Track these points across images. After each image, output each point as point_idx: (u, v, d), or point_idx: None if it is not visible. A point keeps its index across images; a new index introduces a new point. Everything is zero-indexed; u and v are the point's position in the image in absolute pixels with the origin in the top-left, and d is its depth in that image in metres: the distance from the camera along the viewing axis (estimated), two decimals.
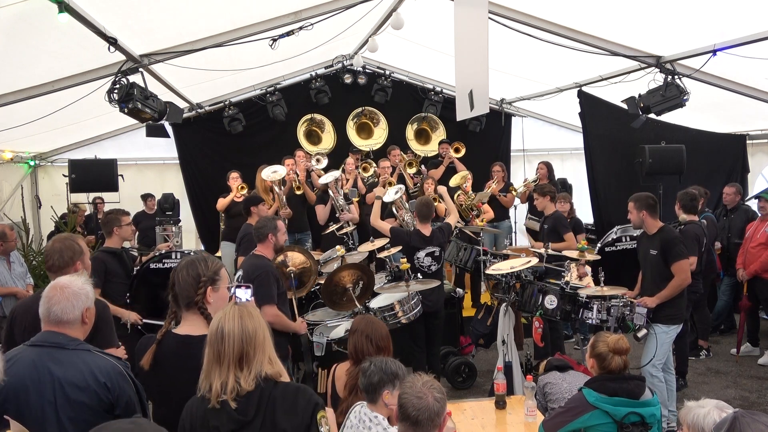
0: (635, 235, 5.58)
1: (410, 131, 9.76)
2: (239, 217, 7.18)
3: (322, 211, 7.34)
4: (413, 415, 2.22)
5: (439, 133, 9.72)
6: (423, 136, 9.88)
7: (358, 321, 3.31)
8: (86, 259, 3.24)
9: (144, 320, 4.71)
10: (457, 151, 8.52)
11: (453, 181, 7.81)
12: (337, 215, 7.16)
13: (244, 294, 2.46)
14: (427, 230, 5.22)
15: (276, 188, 7.24)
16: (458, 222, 7.07)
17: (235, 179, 7.67)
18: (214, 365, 2.03)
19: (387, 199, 6.27)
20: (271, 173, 7.18)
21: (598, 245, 6.18)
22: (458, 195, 7.57)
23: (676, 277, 4.52)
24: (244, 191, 7.71)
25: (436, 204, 6.39)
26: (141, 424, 1.68)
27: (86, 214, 8.72)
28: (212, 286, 2.36)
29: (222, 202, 7.66)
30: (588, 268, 5.42)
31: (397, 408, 2.32)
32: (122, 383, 2.30)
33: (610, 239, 5.98)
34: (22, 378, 2.22)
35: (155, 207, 8.77)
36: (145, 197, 8.79)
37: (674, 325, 4.58)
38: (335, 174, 7.30)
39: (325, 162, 8.45)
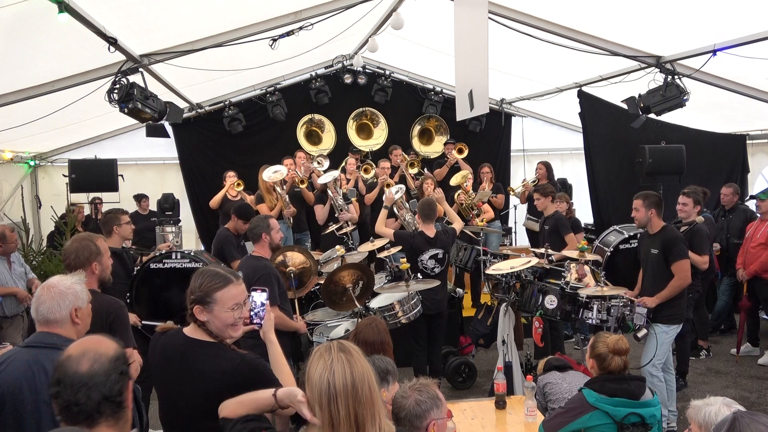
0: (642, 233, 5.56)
1: (415, 130, 9.77)
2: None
3: (321, 211, 7.34)
4: (394, 411, 2.27)
5: (443, 136, 9.72)
6: (426, 136, 9.89)
7: (362, 324, 3.29)
8: (104, 259, 3.26)
9: (143, 321, 4.71)
10: (460, 152, 8.53)
11: (454, 180, 7.82)
12: (336, 215, 7.16)
13: (260, 297, 2.45)
14: (431, 231, 5.16)
15: (278, 188, 7.26)
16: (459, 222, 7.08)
17: (231, 177, 7.71)
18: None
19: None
20: (272, 174, 7.19)
21: (604, 242, 6.11)
22: (458, 194, 7.57)
23: (675, 276, 4.51)
24: (240, 188, 7.72)
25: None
26: None
27: (86, 214, 8.71)
28: (202, 306, 2.23)
29: (215, 199, 7.68)
30: (587, 268, 5.42)
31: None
32: None
33: (625, 236, 5.88)
34: (17, 379, 2.23)
35: (148, 208, 8.75)
36: (139, 198, 8.70)
37: (674, 325, 4.58)
38: (334, 174, 7.30)
39: (326, 164, 8.46)
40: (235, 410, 1.98)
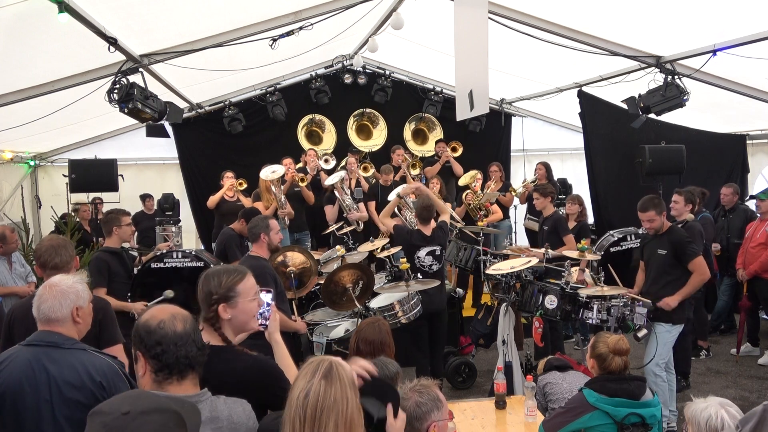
0: (640, 232, 5.57)
1: (408, 131, 9.77)
2: (229, 216, 7.22)
3: (330, 212, 7.33)
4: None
5: (437, 134, 9.73)
6: (420, 136, 9.89)
7: (365, 323, 3.29)
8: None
9: (147, 304, 4.69)
10: (454, 150, 8.53)
11: (462, 181, 7.83)
12: (345, 215, 7.16)
13: (265, 297, 2.44)
14: (428, 230, 5.20)
15: (274, 188, 7.25)
16: (459, 222, 7.09)
17: (229, 178, 7.72)
18: None
19: (390, 197, 6.28)
20: (270, 173, 7.19)
21: (599, 246, 6.15)
22: (466, 194, 7.57)
23: (695, 273, 4.57)
24: (243, 187, 7.72)
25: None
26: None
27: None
28: (227, 303, 2.23)
29: (212, 199, 7.69)
30: (587, 273, 5.42)
31: None
32: (118, 382, 2.30)
33: (615, 238, 5.90)
34: (18, 377, 2.23)
35: (153, 207, 8.77)
36: (144, 197, 8.77)
37: (677, 324, 4.59)
38: (341, 174, 7.30)
39: (333, 162, 8.47)
40: None
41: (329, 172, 8.08)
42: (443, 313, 5.31)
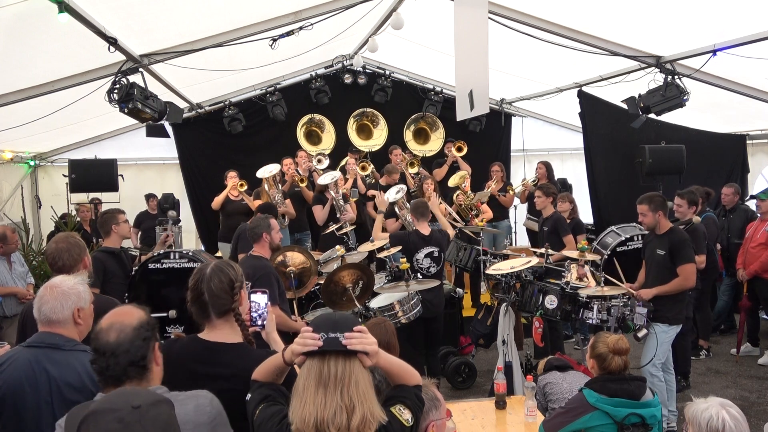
0: (640, 233, 5.57)
1: (408, 134, 9.76)
2: (235, 216, 7.21)
3: (320, 212, 7.34)
4: None
5: (439, 132, 9.73)
6: (422, 136, 9.88)
7: (370, 323, 3.29)
8: (87, 255, 3.32)
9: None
10: (459, 149, 8.53)
11: (452, 181, 7.81)
12: (338, 216, 7.16)
13: (262, 299, 2.44)
14: (425, 230, 5.18)
15: (266, 186, 7.25)
16: (458, 222, 7.08)
17: (232, 178, 7.72)
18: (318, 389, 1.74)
19: (389, 199, 6.28)
20: (267, 172, 7.21)
21: (601, 243, 6.14)
22: (457, 195, 7.56)
23: (680, 277, 4.50)
24: (244, 188, 7.75)
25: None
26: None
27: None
28: (242, 290, 2.33)
29: (217, 200, 7.69)
30: (587, 268, 5.42)
31: None
32: None
33: (621, 238, 5.88)
34: (18, 378, 2.23)
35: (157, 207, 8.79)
36: (148, 197, 8.79)
37: (674, 325, 4.59)
38: (334, 174, 7.30)
39: (326, 162, 8.47)
40: (259, 373, 2.04)
41: (324, 172, 8.09)
42: (440, 316, 5.32)
